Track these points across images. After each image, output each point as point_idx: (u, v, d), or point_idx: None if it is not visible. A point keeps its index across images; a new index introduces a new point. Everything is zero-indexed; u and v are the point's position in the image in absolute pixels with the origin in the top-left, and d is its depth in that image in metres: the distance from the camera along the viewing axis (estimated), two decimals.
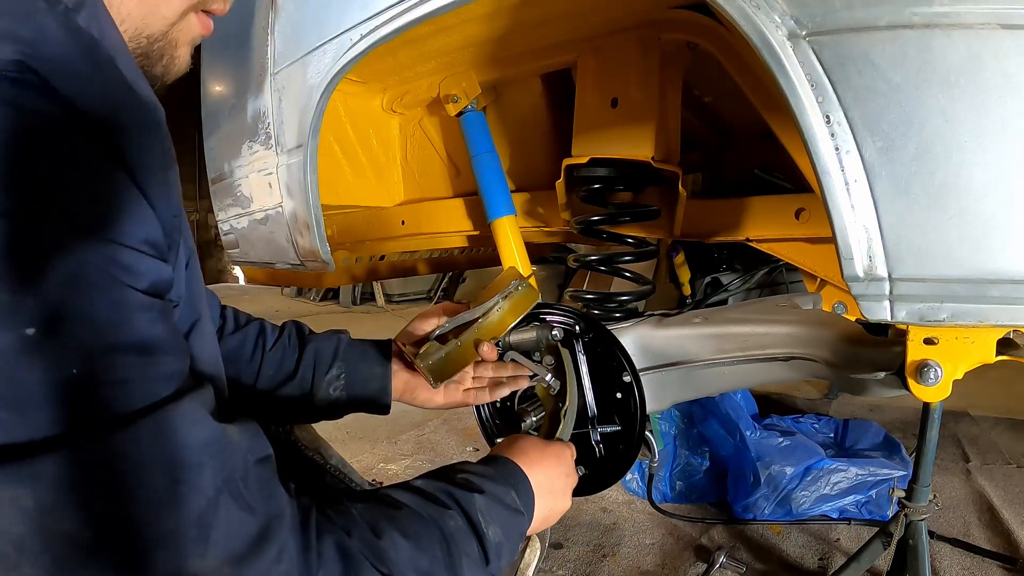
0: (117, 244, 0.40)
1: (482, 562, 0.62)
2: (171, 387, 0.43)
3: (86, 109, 0.39)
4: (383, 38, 1.16)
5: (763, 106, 1.14)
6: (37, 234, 0.36)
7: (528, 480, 0.75)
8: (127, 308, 0.40)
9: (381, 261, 2.04)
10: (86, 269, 0.38)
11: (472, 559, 0.61)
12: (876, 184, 0.72)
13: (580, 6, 1.16)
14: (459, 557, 0.60)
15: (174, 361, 0.44)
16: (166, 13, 0.55)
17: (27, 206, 0.36)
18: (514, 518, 0.69)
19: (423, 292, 7.18)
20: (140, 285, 0.42)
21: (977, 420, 2.75)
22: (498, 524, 0.65)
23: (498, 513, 0.66)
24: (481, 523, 0.63)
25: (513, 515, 0.69)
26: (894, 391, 0.94)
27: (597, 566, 1.71)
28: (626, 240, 1.38)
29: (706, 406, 2.07)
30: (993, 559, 1.68)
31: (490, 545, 0.63)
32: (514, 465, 0.76)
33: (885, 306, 0.76)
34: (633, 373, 1.01)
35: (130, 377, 0.40)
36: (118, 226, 0.40)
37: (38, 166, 0.36)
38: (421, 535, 0.58)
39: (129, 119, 0.42)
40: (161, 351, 0.43)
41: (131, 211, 0.41)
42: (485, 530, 0.63)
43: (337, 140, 1.66)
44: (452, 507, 0.63)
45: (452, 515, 0.62)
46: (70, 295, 0.37)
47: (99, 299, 0.39)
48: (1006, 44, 0.65)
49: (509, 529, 0.67)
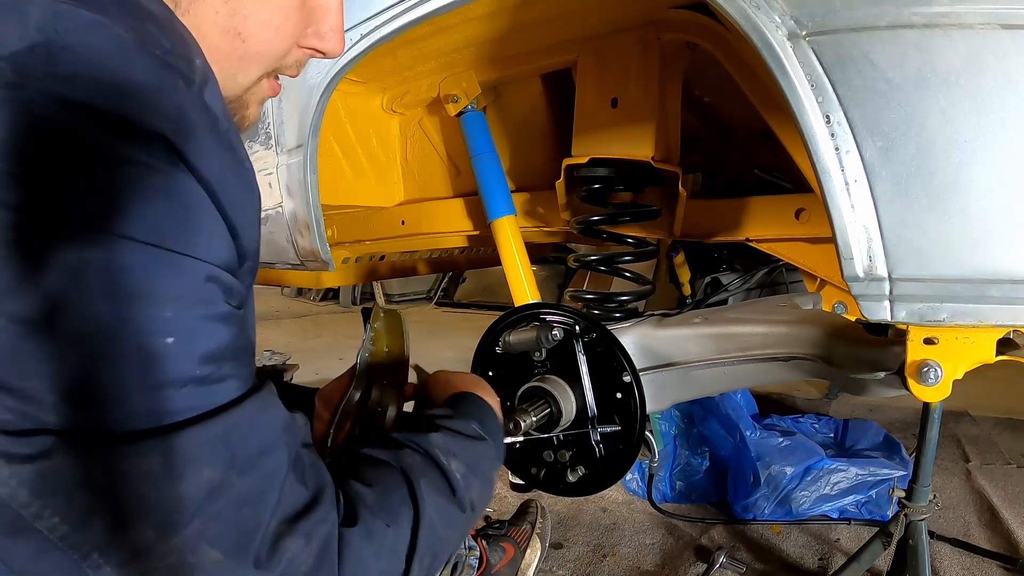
0: (217, 267, 0.48)
1: (447, 493, 0.65)
2: (252, 382, 0.51)
3: (207, 175, 0.47)
4: (383, 38, 1.16)
5: (763, 106, 1.14)
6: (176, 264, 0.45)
7: (488, 405, 0.78)
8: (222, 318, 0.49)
9: (381, 261, 2.03)
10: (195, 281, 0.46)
11: (436, 490, 0.64)
12: (876, 184, 0.73)
13: (580, 6, 1.16)
14: (420, 491, 0.62)
15: (251, 363, 0.53)
16: (242, 80, 0.61)
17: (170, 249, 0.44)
18: (477, 445, 0.72)
19: (423, 292, 7.17)
20: (233, 301, 0.51)
21: (977, 420, 2.75)
22: (459, 457, 0.68)
23: (458, 445, 0.69)
24: (441, 458, 0.66)
25: (475, 443, 0.72)
26: (894, 391, 0.94)
27: (597, 566, 1.71)
28: (626, 240, 1.38)
29: (706, 406, 2.07)
30: (993, 559, 1.68)
31: (453, 477, 0.66)
32: (472, 395, 0.79)
33: (885, 306, 0.76)
34: (633, 373, 1.01)
35: (231, 374, 0.49)
36: (219, 254, 0.49)
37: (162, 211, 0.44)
38: (383, 479, 0.62)
39: (235, 183, 0.50)
40: (247, 352, 0.52)
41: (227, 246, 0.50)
42: (447, 463, 0.66)
43: (337, 140, 1.66)
44: (408, 448, 0.66)
45: (409, 454, 0.66)
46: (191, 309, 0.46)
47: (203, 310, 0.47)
48: (1006, 44, 0.65)
49: (474, 458, 0.70)
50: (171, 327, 0.44)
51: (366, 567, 0.55)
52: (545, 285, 5.40)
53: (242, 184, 0.51)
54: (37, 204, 0.41)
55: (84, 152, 0.42)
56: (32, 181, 0.41)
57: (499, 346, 1.10)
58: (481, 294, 6.67)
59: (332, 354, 4.40)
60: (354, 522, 0.56)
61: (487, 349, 1.12)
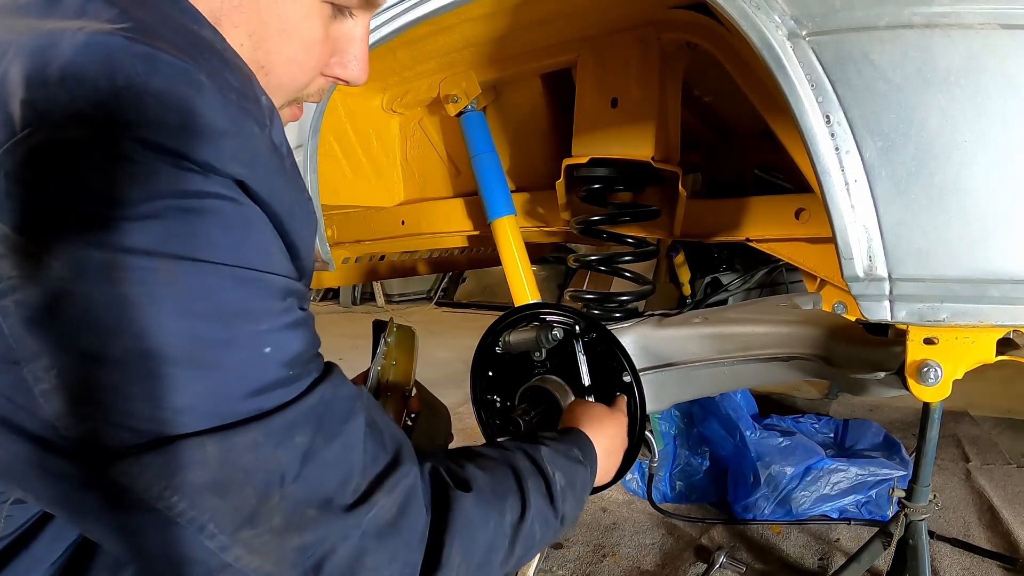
0: (289, 279, 0.53)
1: (547, 498, 0.70)
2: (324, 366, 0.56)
3: (278, 209, 0.51)
4: (383, 38, 1.16)
5: (763, 106, 1.14)
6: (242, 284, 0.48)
7: (590, 440, 0.84)
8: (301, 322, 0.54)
9: (381, 261, 2.04)
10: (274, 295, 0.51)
11: (539, 493, 0.69)
12: (876, 184, 0.73)
13: (580, 6, 1.16)
14: (527, 486, 0.67)
15: (318, 354, 0.57)
16: None
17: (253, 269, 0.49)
18: (576, 467, 0.77)
19: (423, 292, 7.18)
20: (304, 305, 0.55)
21: (977, 420, 2.75)
22: (561, 471, 0.73)
23: (561, 463, 0.75)
24: (547, 467, 0.72)
25: (575, 464, 0.77)
26: (894, 391, 0.94)
27: (597, 566, 1.71)
28: (626, 240, 1.38)
29: (706, 406, 2.07)
30: (993, 559, 1.68)
31: (555, 486, 0.71)
32: (576, 430, 0.86)
33: (885, 306, 0.76)
34: (633, 373, 1.01)
35: (313, 368, 0.54)
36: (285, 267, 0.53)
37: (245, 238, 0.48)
38: (495, 469, 0.67)
39: (300, 214, 0.55)
40: (318, 345, 0.57)
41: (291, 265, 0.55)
42: (551, 473, 0.71)
43: (337, 140, 1.66)
44: (518, 452, 0.72)
45: (520, 457, 0.71)
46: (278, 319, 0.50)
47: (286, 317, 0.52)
48: (1006, 44, 0.65)
49: (572, 476, 0.75)
50: (267, 339, 0.49)
51: (474, 531, 0.60)
52: (545, 285, 5.41)
53: (306, 213, 0.56)
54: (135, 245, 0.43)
55: (173, 190, 0.44)
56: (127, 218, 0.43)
57: (499, 346, 1.09)
58: (481, 294, 6.67)
59: (332, 354, 4.38)
60: (468, 489, 0.61)
61: (487, 349, 1.12)
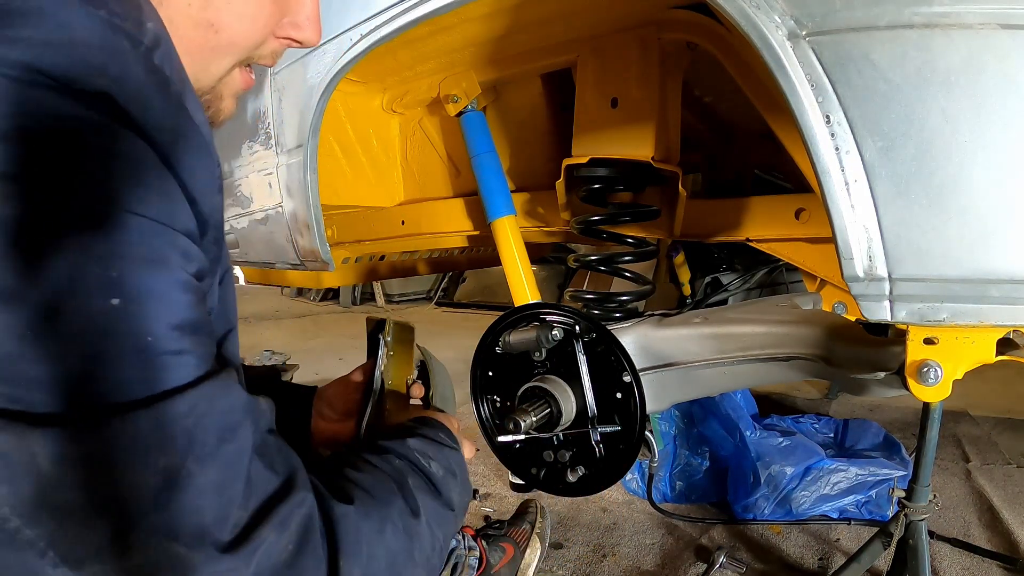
0: (174, 230, 0.45)
1: (434, 493, 0.69)
2: (212, 363, 0.47)
3: (155, 134, 0.45)
4: (383, 38, 1.16)
5: (763, 106, 1.14)
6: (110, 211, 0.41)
7: (447, 426, 0.84)
8: (183, 287, 0.45)
9: (381, 261, 2.04)
10: (151, 243, 0.43)
11: (423, 490, 0.68)
12: (876, 184, 0.72)
13: (580, 6, 1.16)
14: (409, 485, 0.66)
15: (211, 342, 0.49)
16: (214, 70, 0.61)
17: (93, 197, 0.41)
18: (449, 452, 0.77)
19: (423, 292, 7.18)
20: (191, 269, 0.46)
21: (977, 420, 2.75)
22: (437, 459, 0.73)
23: (434, 450, 0.74)
24: (420, 460, 0.71)
25: (447, 450, 0.77)
26: (894, 391, 0.94)
27: (597, 566, 1.71)
28: (626, 240, 1.38)
29: (706, 406, 2.07)
30: (993, 559, 1.68)
31: (435, 476, 0.70)
32: (432, 419, 0.85)
33: (885, 306, 0.76)
34: (633, 373, 1.01)
35: (186, 350, 0.44)
36: (175, 217, 0.45)
37: (111, 170, 0.42)
38: (372, 473, 0.64)
39: (187, 144, 0.48)
40: (205, 330, 0.47)
41: (182, 208, 0.47)
42: (427, 464, 0.71)
43: (337, 140, 1.66)
44: (389, 452, 0.70)
45: (391, 457, 0.69)
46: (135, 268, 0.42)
47: (162, 275, 0.43)
48: (1006, 44, 0.65)
49: (448, 461, 0.75)
50: (117, 288, 0.40)
51: (371, 543, 0.55)
52: (545, 285, 5.41)
53: (195, 145, 0.49)
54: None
55: (28, 111, 0.40)
56: None
57: (499, 346, 1.09)
58: (481, 294, 6.67)
59: (332, 354, 4.40)
60: (350, 501, 0.55)
61: (487, 349, 1.12)
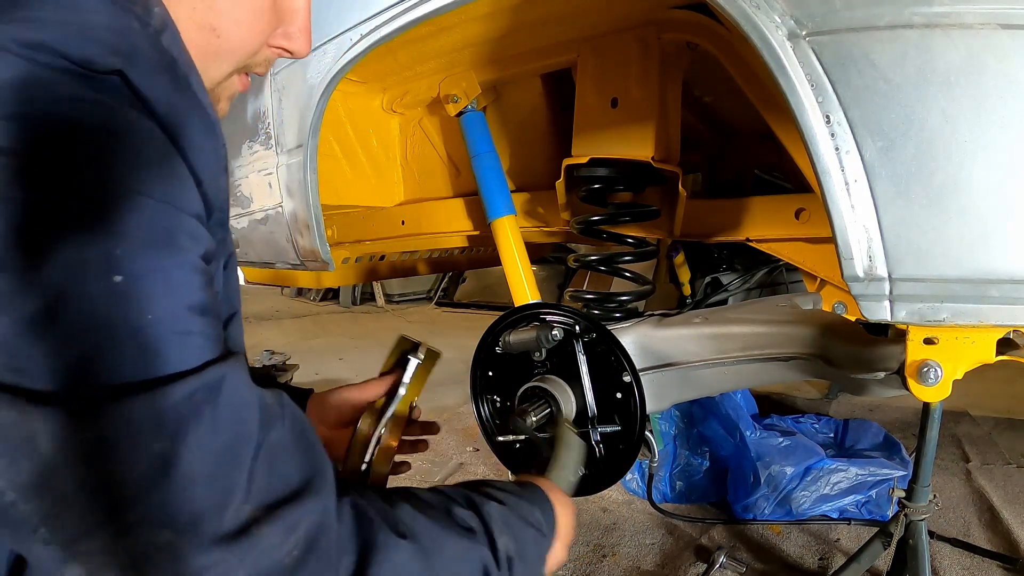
0: (182, 212, 0.44)
1: (492, 566, 0.59)
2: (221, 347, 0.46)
3: (162, 111, 0.46)
4: (383, 38, 1.16)
5: (763, 106, 1.14)
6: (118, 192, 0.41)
7: (553, 507, 0.72)
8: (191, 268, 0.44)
9: (381, 261, 2.04)
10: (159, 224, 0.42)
11: (479, 560, 0.58)
12: (876, 184, 0.72)
13: (580, 6, 1.16)
14: (463, 547, 0.58)
15: (219, 325, 0.48)
16: (214, 74, 0.62)
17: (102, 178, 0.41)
18: (533, 535, 0.65)
19: (423, 292, 7.18)
20: (199, 251, 0.46)
21: (977, 420, 2.76)
22: (512, 537, 0.62)
23: (516, 526, 0.63)
24: (492, 528, 0.61)
25: (533, 532, 0.65)
26: (894, 391, 0.94)
27: (597, 566, 1.71)
28: (626, 240, 1.38)
29: (706, 406, 2.07)
30: (993, 559, 1.68)
31: (499, 554, 0.59)
32: (544, 493, 0.73)
33: (885, 306, 0.76)
34: (633, 373, 1.01)
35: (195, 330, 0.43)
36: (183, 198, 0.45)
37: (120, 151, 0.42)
38: (437, 520, 0.57)
39: (194, 125, 0.49)
40: (212, 313, 0.46)
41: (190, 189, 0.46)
42: (496, 536, 0.60)
43: (337, 140, 1.66)
44: (462, 503, 0.62)
45: (463, 512, 0.61)
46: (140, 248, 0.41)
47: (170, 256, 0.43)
48: (1006, 44, 0.65)
49: (525, 544, 0.63)
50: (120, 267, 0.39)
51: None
52: (545, 285, 5.41)
53: (202, 126, 0.49)
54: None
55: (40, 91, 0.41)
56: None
57: (499, 346, 1.09)
58: (481, 294, 6.67)
59: (332, 354, 4.40)
60: (404, 536, 0.52)
61: (487, 349, 1.12)
